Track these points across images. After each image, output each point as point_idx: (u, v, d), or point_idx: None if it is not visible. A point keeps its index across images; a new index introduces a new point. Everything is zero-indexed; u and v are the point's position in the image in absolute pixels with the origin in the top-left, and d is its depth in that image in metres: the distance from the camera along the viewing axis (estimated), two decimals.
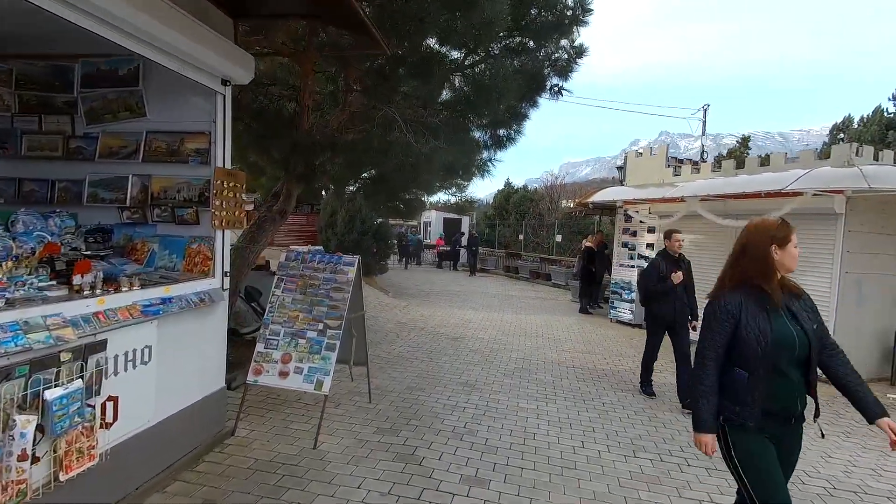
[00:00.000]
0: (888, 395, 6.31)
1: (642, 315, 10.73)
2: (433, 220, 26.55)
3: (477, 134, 7.93)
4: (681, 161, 10.77)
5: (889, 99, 8.43)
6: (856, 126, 8.97)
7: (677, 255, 5.79)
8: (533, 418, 4.89)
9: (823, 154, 7.36)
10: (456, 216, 27.50)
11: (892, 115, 8.15)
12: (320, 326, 4.25)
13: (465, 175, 8.32)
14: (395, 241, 18.27)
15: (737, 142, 13.22)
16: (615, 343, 8.71)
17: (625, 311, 10.52)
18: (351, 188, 11.73)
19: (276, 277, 4.54)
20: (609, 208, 11.85)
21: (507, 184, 29.00)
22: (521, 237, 22.91)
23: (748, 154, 9.75)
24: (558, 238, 19.48)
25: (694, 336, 4.02)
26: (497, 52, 6.41)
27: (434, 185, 10.82)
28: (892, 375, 7.00)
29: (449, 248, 22.85)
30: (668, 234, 5.91)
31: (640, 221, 10.53)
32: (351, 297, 4.38)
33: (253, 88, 5.57)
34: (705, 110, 14.60)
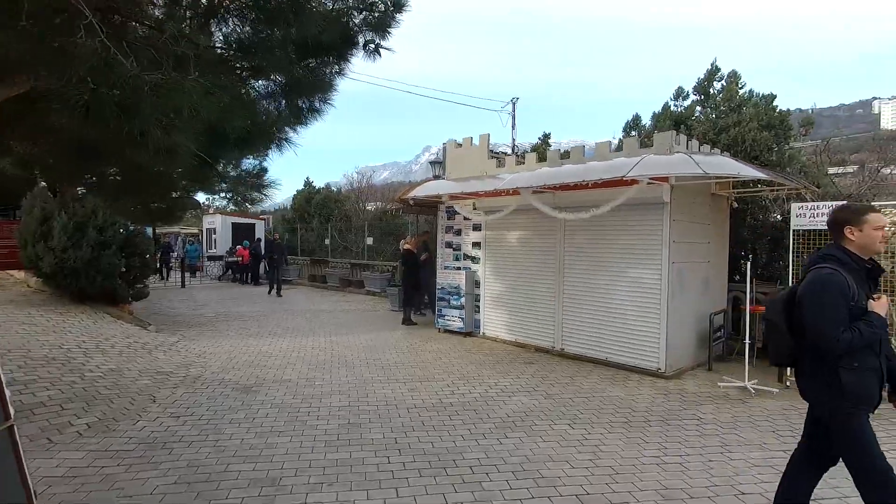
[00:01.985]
0: (719, 384, 6.28)
1: (474, 322, 10.03)
2: (219, 226, 22.22)
3: (271, 105, 5.75)
4: (497, 154, 10.17)
5: (671, 98, 8.80)
6: (644, 123, 9.40)
7: (872, 265, 2.64)
8: None
9: (644, 143, 7.28)
10: (248, 220, 23.61)
11: (679, 111, 8.59)
12: None
13: (247, 147, 5.96)
14: (160, 253, 14.21)
15: (539, 139, 13.43)
16: (454, 360, 7.39)
17: (454, 318, 9.38)
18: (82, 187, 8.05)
19: None
20: (429, 205, 10.64)
21: (308, 183, 26.23)
22: (327, 241, 20.61)
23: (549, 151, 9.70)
24: (369, 241, 17.86)
25: None
26: None
27: (212, 178, 8.11)
28: (708, 361, 7.18)
29: (242, 262, 19.15)
30: (854, 215, 2.62)
31: (465, 218, 9.53)
32: None
33: None
34: (514, 103, 14.79)
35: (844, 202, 4.86)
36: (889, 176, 9.36)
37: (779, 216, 8.76)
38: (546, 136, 13.79)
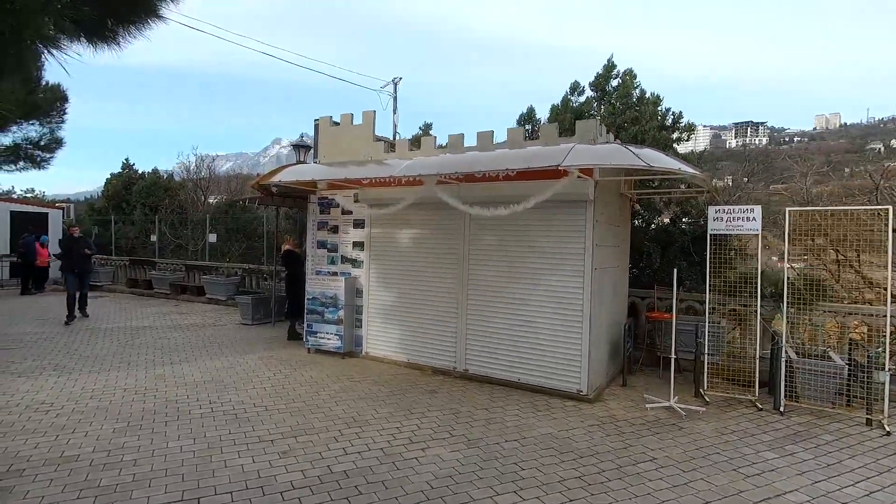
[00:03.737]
0: (646, 406, 5.64)
1: (355, 340, 7.60)
2: None
3: None
4: (384, 137, 8.60)
5: (567, 92, 8.25)
6: (539, 117, 8.75)
7: None
8: None
9: (563, 132, 6.44)
10: (39, 209, 18.19)
11: (577, 105, 8.05)
12: None
13: None
14: None
15: (420, 128, 12.18)
16: (337, 395, 5.65)
17: (329, 336, 7.57)
18: None
19: None
20: (296, 195, 8.61)
21: (127, 166, 21.34)
22: (154, 238, 16.70)
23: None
24: (212, 238, 14.74)
25: None
26: None
27: None
28: (622, 376, 6.61)
29: (39, 263, 14.19)
30: None
31: (344, 213, 7.79)
32: None
33: None
34: (396, 84, 13.16)
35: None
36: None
37: (667, 219, 8.76)
38: (427, 127, 12.60)
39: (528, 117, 9.41)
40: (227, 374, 6.45)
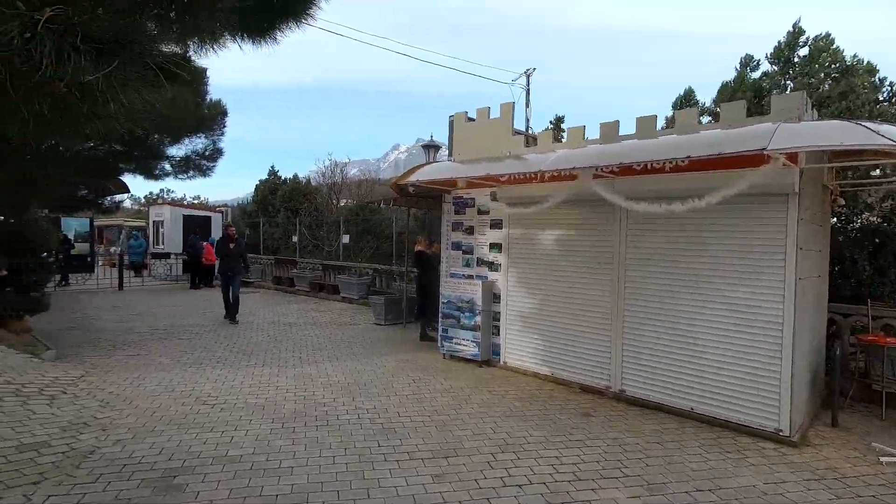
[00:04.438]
0: (882, 459, 4.37)
1: (492, 348, 7.08)
2: (167, 218, 19.28)
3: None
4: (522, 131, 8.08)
5: (738, 67, 6.90)
6: (700, 100, 7.51)
7: None
8: None
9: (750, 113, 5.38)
10: (203, 213, 20.77)
11: (764, 80, 6.69)
12: None
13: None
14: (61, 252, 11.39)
15: (550, 123, 11.42)
16: (481, 410, 5.23)
17: (465, 342, 7.22)
18: None
19: None
20: (429, 196, 8.44)
21: (273, 172, 23.51)
22: (294, 239, 18.06)
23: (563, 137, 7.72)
24: (346, 239, 15.46)
25: None
26: None
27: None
28: (833, 413, 5.29)
29: (206, 262, 16.08)
30: None
31: (480, 212, 7.40)
32: None
33: None
34: (529, 75, 12.58)
35: None
36: None
37: (875, 217, 7.01)
38: (559, 120, 11.80)
39: (685, 100, 8.20)
40: (367, 377, 6.38)
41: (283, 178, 23.90)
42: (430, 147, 11.06)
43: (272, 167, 23.79)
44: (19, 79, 1.73)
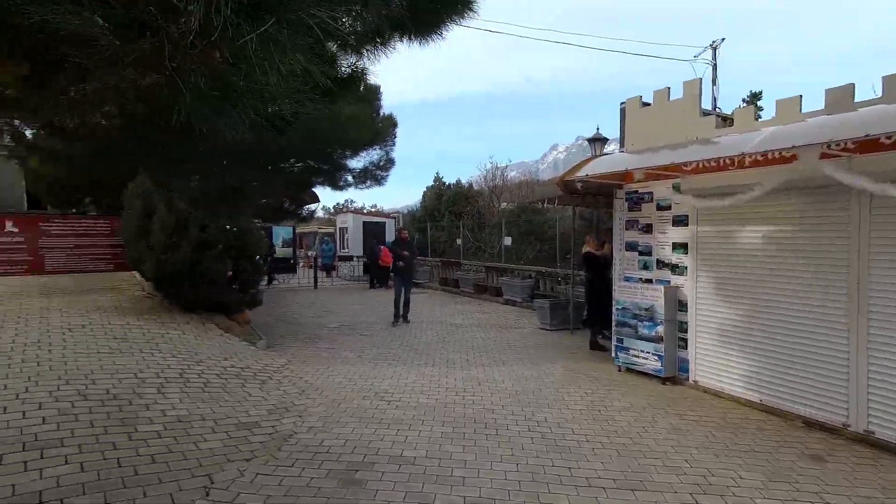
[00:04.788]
0: None
1: (678, 363, 6.18)
2: (350, 225, 21.66)
3: None
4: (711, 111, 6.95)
5: None
6: None
7: None
8: None
9: None
10: (379, 219, 22.82)
11: None
12: None
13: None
14: (267, 256, 13.09)
15: (743, 101, 9.70)
16: (669, 436, 4.52)
17: (645, 354, 6.44)
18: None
19: None
20: (598, 193, 7.79)
21: (438, 179, 24.76)
22: (458, 241, 18.68)
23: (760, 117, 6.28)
24: (507, 241, 15.42)
25: None
26: None
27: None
28: None
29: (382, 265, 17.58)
30: None
31: (660, 208, 6.53)
32: None
33: None
34: (715, 48, 10.93)
35: None
36: None
37: None
38: (754, 96, 9.98)
39: None
40: (534, 385, 6.07)
41: (447, 183, 25.05)
42: (596, 141, 10.31)
43: (437, 174, 25.11)
44: (174, 48, 1.75)
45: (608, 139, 11.04)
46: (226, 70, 1.87)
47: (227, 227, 7.30)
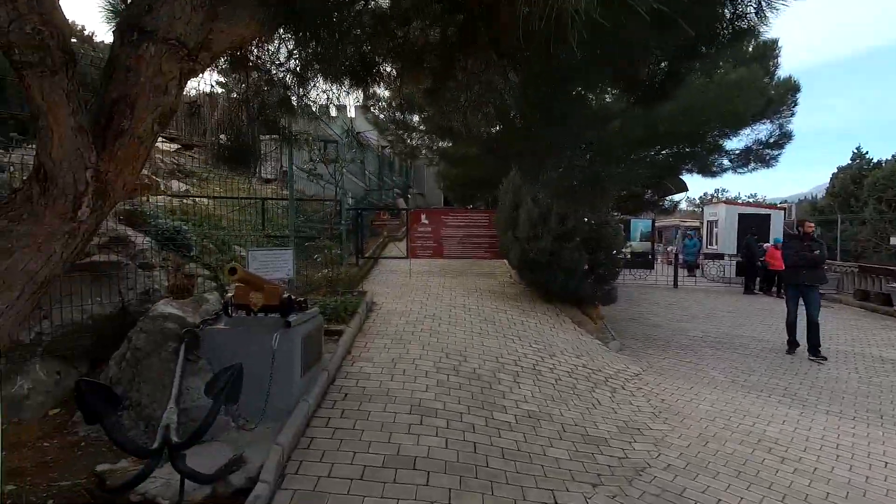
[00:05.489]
0: None
1: None
2: (722, 218, 18.57)
3: None
4: None
5: None
6: None
7: None
8: None
9: None
10: (761, 210, 18.77)
11: None
12: None
13: None
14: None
15: None
16: None
17: None
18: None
19: None
20: None
21: (859, 156, 18.30)
22: (892, 241, 13.25)
23: None
24: None
25: None
26: None
27: None
28: None
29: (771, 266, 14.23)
30: None
31: None
32: None
33: None
34: None
35: None
36: None
37: None
38: None
39: None
40: None
41: (872, 160, 18.22)
42: None
43: (857, 149, 18.59)
44: None
45: None
46: None
47: (585, 219, 7.13)
